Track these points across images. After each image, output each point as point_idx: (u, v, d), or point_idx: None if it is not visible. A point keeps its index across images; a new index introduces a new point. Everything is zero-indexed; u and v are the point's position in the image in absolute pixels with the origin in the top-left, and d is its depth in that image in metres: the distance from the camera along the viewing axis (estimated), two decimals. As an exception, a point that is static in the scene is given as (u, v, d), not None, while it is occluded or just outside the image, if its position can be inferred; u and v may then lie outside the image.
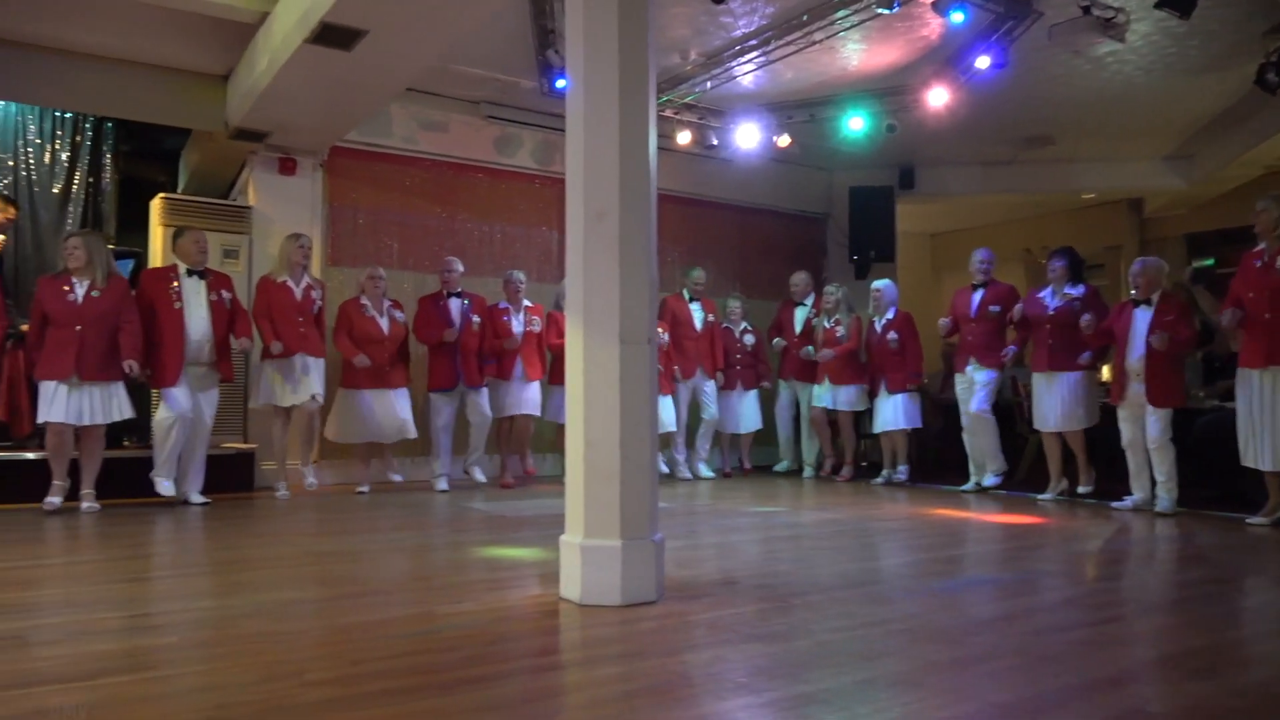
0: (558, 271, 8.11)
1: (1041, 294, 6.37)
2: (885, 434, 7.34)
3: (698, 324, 7.75)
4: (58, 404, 5.09)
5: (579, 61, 3.17)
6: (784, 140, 8.00)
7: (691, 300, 7.80)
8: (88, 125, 7.39)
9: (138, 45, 5.92)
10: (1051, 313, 6.20)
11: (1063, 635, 2.67)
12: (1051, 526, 5.04)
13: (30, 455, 5.55)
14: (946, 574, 3.75)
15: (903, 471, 7.29)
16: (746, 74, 6.97)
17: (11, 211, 6.55)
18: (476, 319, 6.65)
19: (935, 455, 8.42)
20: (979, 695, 2.11)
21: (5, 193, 6.84)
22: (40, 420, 5.16)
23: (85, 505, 5.26)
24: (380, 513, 5.50)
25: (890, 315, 7.38)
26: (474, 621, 2.78)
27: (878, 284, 7.57)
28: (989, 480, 6.67)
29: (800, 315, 8.10)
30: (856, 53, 6.72)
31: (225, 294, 5.75)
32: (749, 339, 8.03)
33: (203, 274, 5.70)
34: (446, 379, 6.54)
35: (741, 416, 7.97)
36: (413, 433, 6.42)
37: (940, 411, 8.31)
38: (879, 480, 7.33)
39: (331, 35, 4.76)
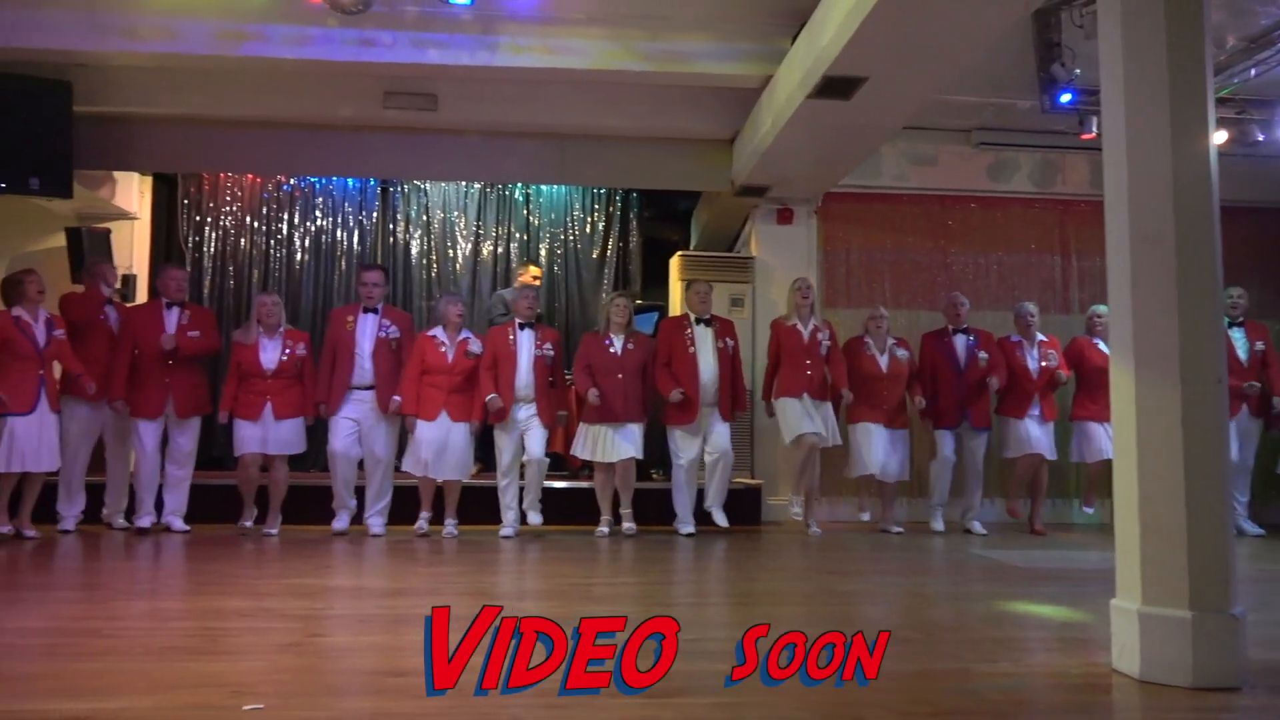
0: (1063, 301, 7.51)
1: None
2: None
3: (1241, 354, 6.57)
4: (600, 443, 5.87)
5: (1116, 68, 2.87)
6: (1362, 123, 6.54)
7: (1231, 326, 6.64)
8: (618, 197, 8.54)
9: (659, 123, 6.68)
10: None
11: None
12: None
13: (558, 484, 6.46)
14: None
15: None
16: (1306, 52, 5.84)
17: (538, 270, 7.63)
18: (984, 355, 6.37)
19: None
20: None
21: (531, 258, 8.08)
22: (585, 457, 5.99)
23: (626, 526, 5.98)
24: (884, 554, 5.47)
25: None
26: (1018, 685, 2.60)
27: None
28: None
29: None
30: None
31: (729, 341, 6.20)
32: None
33: (709, 321, 6.21)
34: (949, 417, 6.35)
35: None
36: (905, 476, 6.38)
37: None
38: None
39: (833, 87, 4.92)
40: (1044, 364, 6.41)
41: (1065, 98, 6.26)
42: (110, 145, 6.46)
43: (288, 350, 5.79)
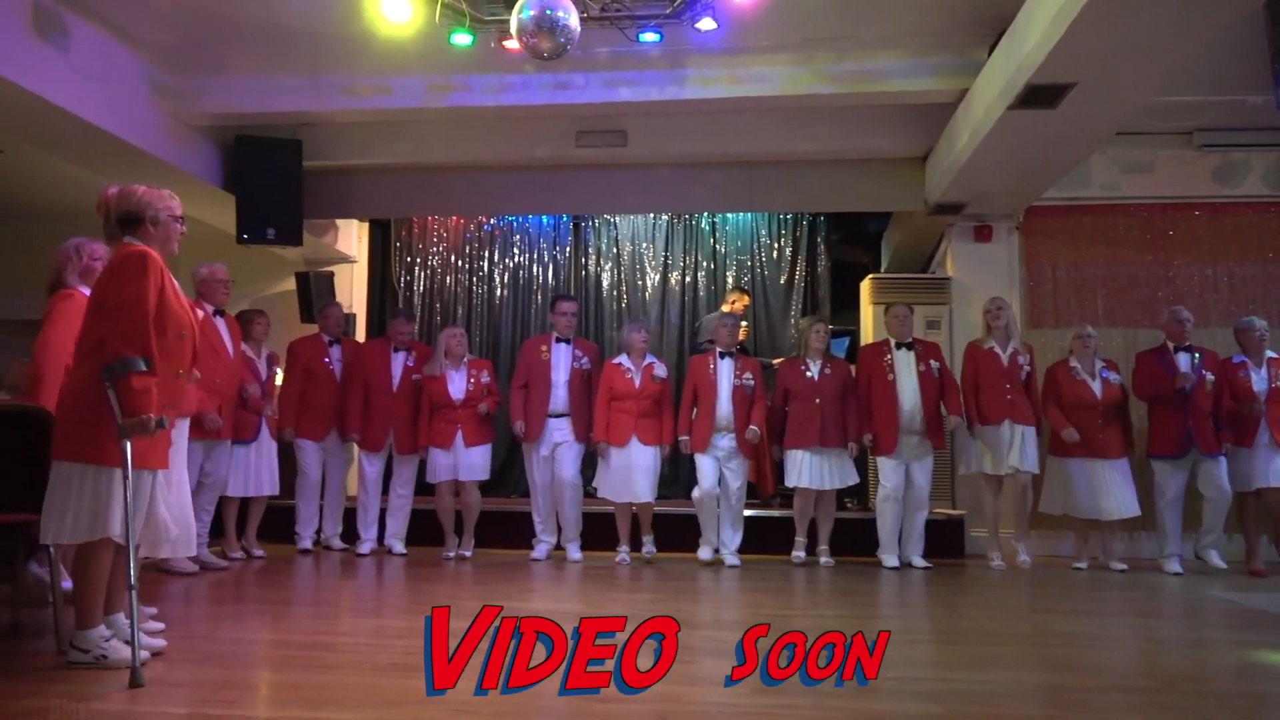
0: (1308, 314, 6.76)
1: None
2: None
3: None
4: (804, 470, 5.76)
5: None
6: None
7: None
8: (805, 221, 8.46)
9: (848, 144, 6.55)
10: None
11: None
12: None
13: (748, 512, 6.29)
14: None
15: None
16: None
17: (746, 299, 7.78)
18: (1210, 376, 5.81)
19: None
20: None
21: (743, 285, 8.16)
22: (790, 484, 5.88)
23: (823, 560, 5.86)
24: (1105, 594, 5.06)
25: None
26: (1283, 746, 2.32)
27: None
28: None
29: None
30: None
31: (934, 363, 5.95)
32: None
33: (911, 345, 5.99)
34: (1174, 445, 5.81)
35: None
36: (1135, 511, 5.84)
37: None
38: None
39: (1036, 96, 4.67)
40: (1275, 384, 5.77)
41: (1306, 91, 5.68)
42: (333, 195, 7.06)
43: (473, 380, 6.07)
